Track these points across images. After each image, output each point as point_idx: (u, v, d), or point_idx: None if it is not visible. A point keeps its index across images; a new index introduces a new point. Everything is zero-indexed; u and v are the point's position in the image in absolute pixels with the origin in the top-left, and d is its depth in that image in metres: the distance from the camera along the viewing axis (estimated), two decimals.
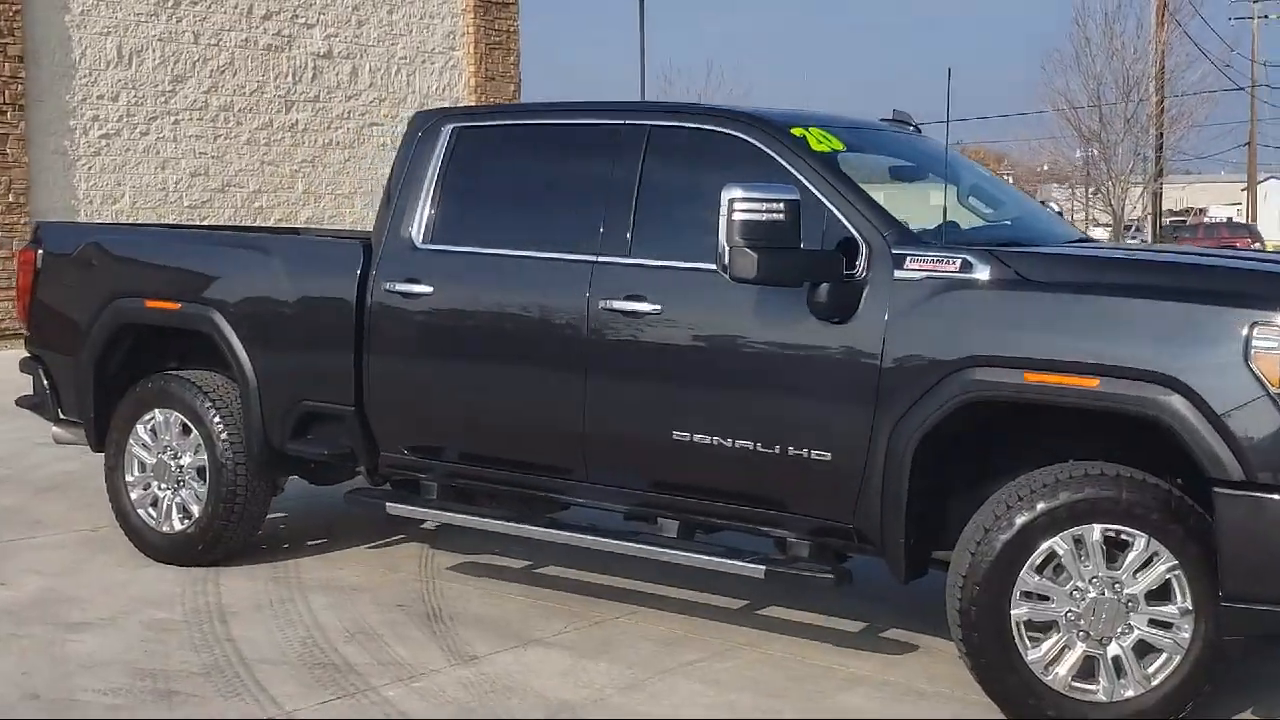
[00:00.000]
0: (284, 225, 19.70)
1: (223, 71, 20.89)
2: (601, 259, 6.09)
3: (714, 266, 5.70)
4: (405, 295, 6.57)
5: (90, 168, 19.51)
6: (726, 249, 5.40)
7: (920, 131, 7.13)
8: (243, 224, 19.60)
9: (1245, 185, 68.58)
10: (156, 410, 7.35)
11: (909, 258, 5.42)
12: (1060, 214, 9.37)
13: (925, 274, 5.37)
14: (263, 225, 18.33)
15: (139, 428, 7.42)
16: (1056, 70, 39.89)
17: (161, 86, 20.23)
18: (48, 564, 7.34)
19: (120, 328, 7.46)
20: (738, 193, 5.34)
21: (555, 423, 6.21)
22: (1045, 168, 53.85)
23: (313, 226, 19.77)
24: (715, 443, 5.74)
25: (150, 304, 7.32)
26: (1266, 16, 65.38)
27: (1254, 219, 62.89)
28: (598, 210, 6.17)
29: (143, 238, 7.94)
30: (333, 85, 22.24)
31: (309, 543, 7.89)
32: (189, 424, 7.22)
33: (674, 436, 5.84)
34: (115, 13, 19.71)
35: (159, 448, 7.35)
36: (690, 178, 6.13)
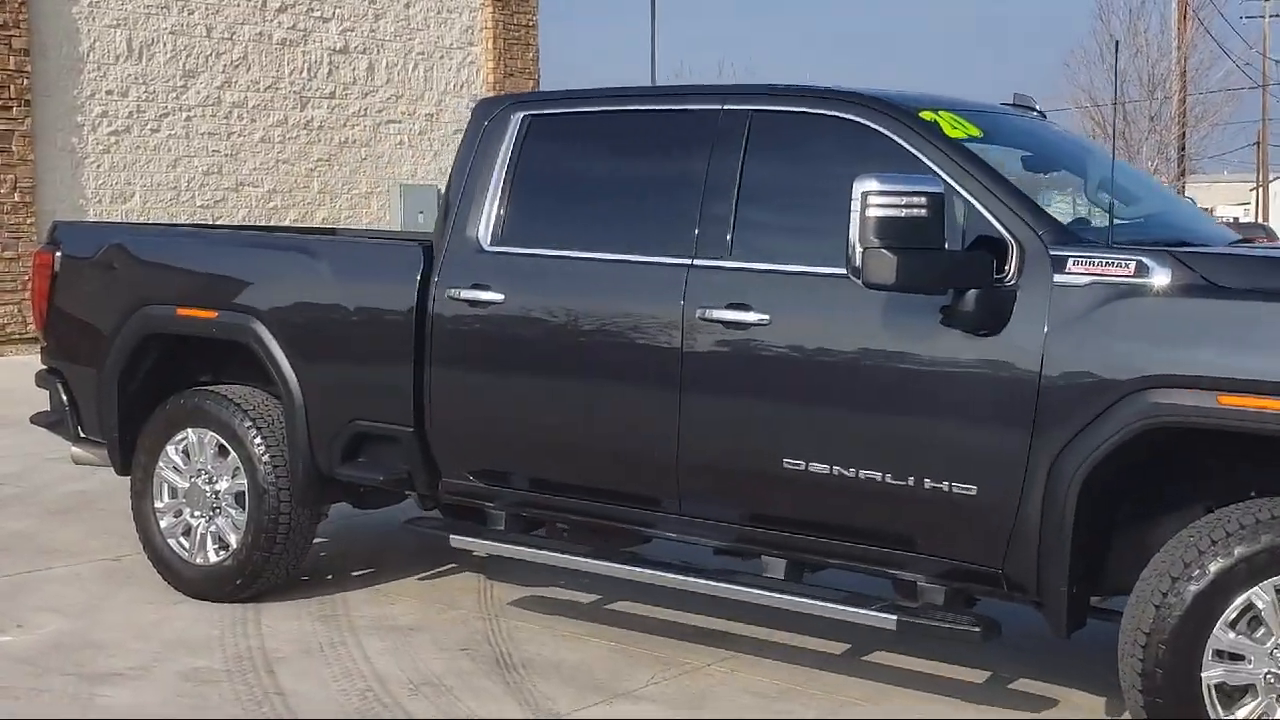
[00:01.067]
0: (323, 226, 18.97)
1: (236, 66, 20.17)
2: (698, 263, 5.37)
3: (831, 271, 5.00)
4: (472, 303, 5.85)
5: (99, 166, 18.79)
6: (858, 250, 4.67)
7: (1045, 117, 6.40)
8: (283, 225, 18.87)
9: (1254, 185, 67.77)
10: (189, 429, 6.63)
11: (1071, 260, 4.69)
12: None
13: (1092, 279, 4.63)
14: (301, 226, 17.62)
15: (169, 449, 6.70)
16: (1080, 67, 39.21)
17: (173, 82, 19.51)
18: (67, 601, 6.62)
19: (147, 338, 6.73)
20: (873, 185, 4.62)
21: (643, 447, 5.49)
22: None
23: (354, 227, 19.04)
24: (836, 473, 5.02)
25: (182, 312, 6.59)
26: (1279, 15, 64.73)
27: (1266, 218, 62.12)
28: (691, 207, 5.45)
29: (173, 239, 7.20)
30: (349, 81, 21.52)
31: (354, 573, 7.17)
32: (226, 445, 6.50)
33: (785, 465, 5.12)
34: (125, 5, 18.98)
35: (192, 471, 6.64)
36: (801, 169, 5.41)
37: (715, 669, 5.79)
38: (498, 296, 5.78)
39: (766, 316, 5.15)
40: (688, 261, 5.38)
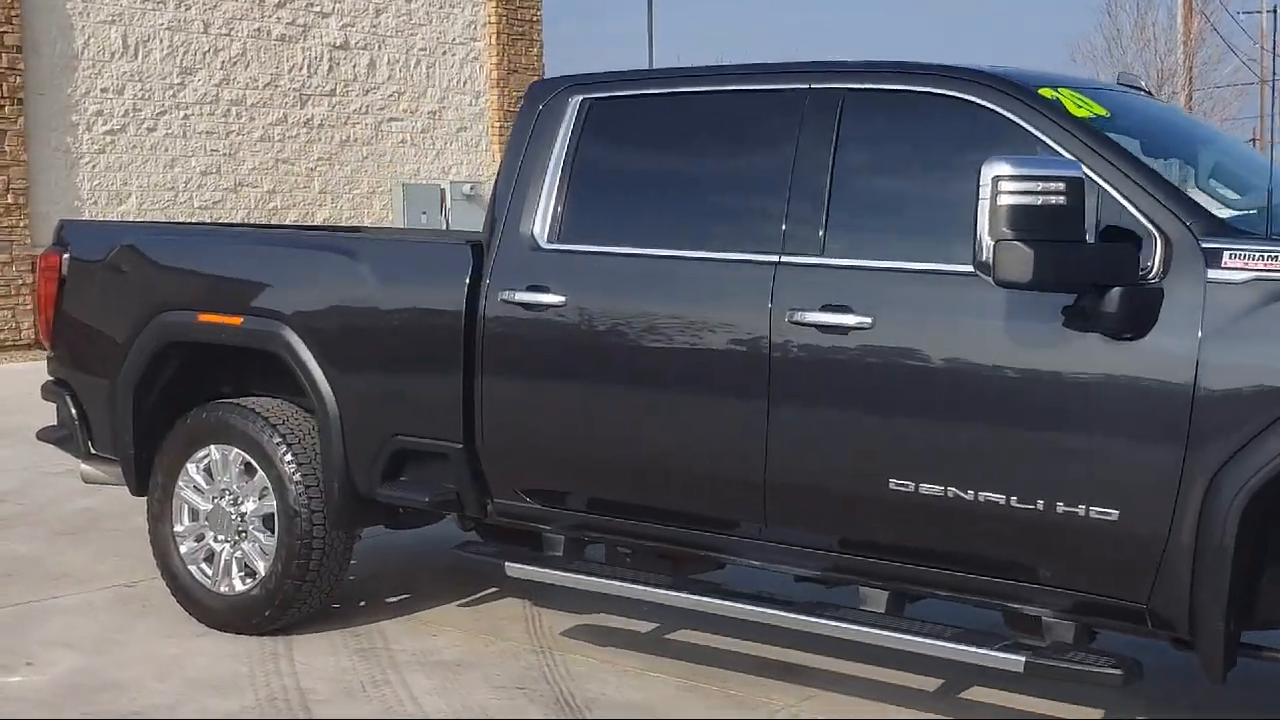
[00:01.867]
0: (348, 225, 18.40)
1: (234, 63, 19.58)
2: (786, 259, 4.82)
3: (945, 267, 4.46)
4: (528, 307, 5.29)
5: (94, 165, 18.20)
6: (987, 243, 4.12)
7: (1153, 96, 5.86)
8: (311, 224, 18.29)
9: None
10: (212, 446, 6.06)
11: (1227, 253, 4.13)
12: None
13: (1253, 275, 4.08)
14: (331, 225, 17.01)
15: (190, 467, 6.14)
16: (1087, 62, 38.76)
17: (170, 79, 18.93)
18: (79, 634, 6.05)
19: (165, 347, 6.17)
20: (1005, 169, 4.06)
21: (724, 465, 4.94)
22: None
23: (415, 227, 18.44)
24: (950, 496, 4.46)
25: (204, 318, 6.03)
26: (1274, 10, 64.39)
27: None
28: (777, 199, 4.90)
29: (193, 239, 6.61)
30: (349, 78, 20.93)
31: (389, 599, 6.61)
32: (253, 463, 5.94)
33: (891, 486, 4.56)
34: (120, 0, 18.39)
35: (215, 492, 6.07)
36: (904, 155, 4.87)
37: (802, 709, 5.25)
38: (558, 299, 5.22)
39: (869, 319, 4.59)
40: (774, 258, 4.83)
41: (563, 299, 5.21)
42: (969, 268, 4.28)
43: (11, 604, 6.46)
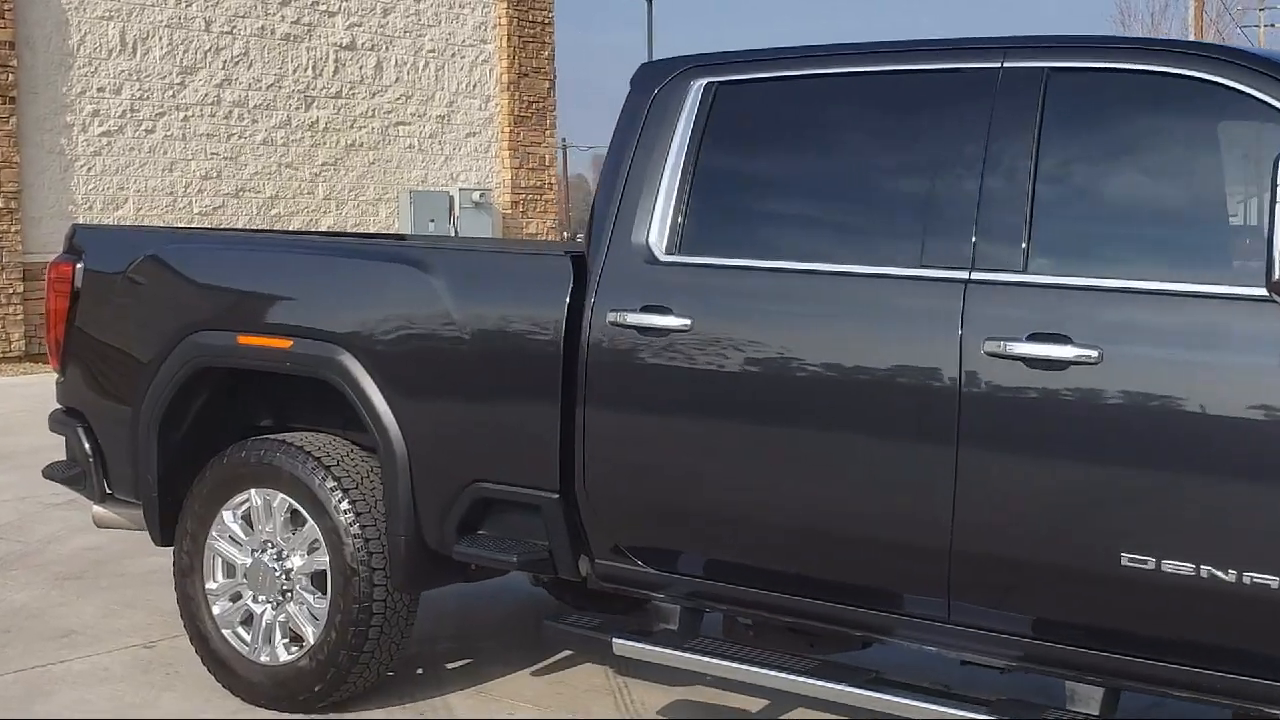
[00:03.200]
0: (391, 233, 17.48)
1: (237, 63, 18.67)
2: (979, 276, 3.93)
3: (1203, 289, 3.59)
4: (644, 330, 4.40)
5: (90, 169, 17.27)
6: None
7: None
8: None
9: None
10: (253, 490, 5.16)
11: None
12: None
13: None
14: (392, 233, 16.09)
15: (225, 514, 5.24)
16: None
17: (169, 79, 18.01)
18: (95, 709, 5.15)
19: (198, 372, 5.28)
20: None
21: (896, 528, 4.04)
22: None
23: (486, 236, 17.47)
24: (1206, 576, 3.57)
25: (245, 340, 5.13)
26: (1274, 24, 63.81)
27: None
28: (963, 202, 4.01)
29: (231, 248, 5.68)
30: (355, 80, 20.03)
31: (449, 664, 5.71)
32: (301, 511, 5.04)
33: (1125, 562, 3.67)
34: None
35: (255, 544, 5.17)
36: (1131, 148, 3.98)
37: None
38: (682, 322, 4.33)
39: (1093, 352, 3.70)
40: (963, 275, 3.94)
41: (687, 322, 4.32)
42: (1244, 290, 3.39)
43: (14, 670, 5.55)
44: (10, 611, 6.35)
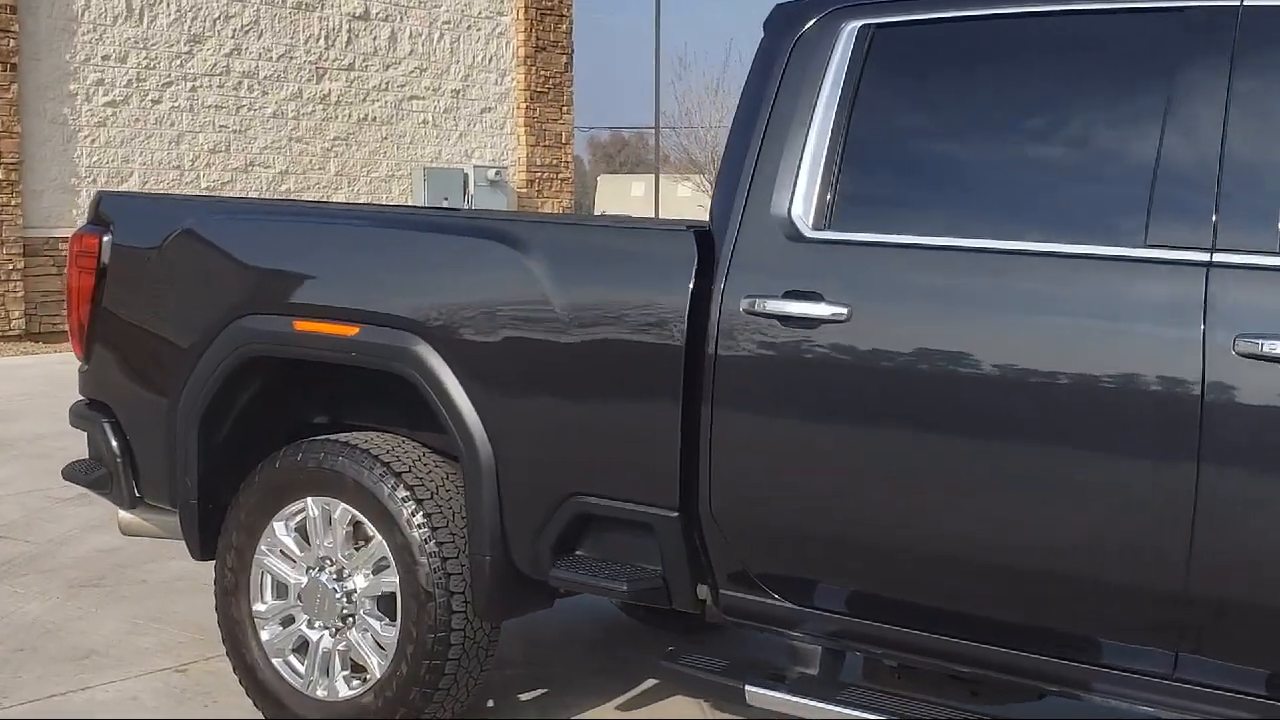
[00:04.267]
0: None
1: (247, 32, 17.91)
2: (1223, 258, 3.24)
3: None
4: (787, 320, 3.71)
5: (94, 140, 16.52)
6: None
7: None
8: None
9: None
10: (309, 499, 4.48)
11: None
12: None
13: None
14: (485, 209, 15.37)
15: (277, 526, 4.56)
16: None
17: (177, 47, 17.25)
18: None
19: (246, 362, 4.59)
20: None
21: (1110, 562, 3.35)
22: None
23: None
24: None
25: (302, 326, 4.45)
26: None
27: None
28: (1198, 167, 3.31)
29: (287, 219, 4.96)
30: (369, 51, 19.28)
31: (521, 695, 5.05)
32: (366, 524, 4.36)
33: None
34: None
35: (311, 560, 4.49)
36: None
37: None
38: (835, 310, 3.64)
39: None
40: (1202, 256, 3.26)
41: (843, 310, 3.63)
42: None
43: (31, 700, 4.87)
44: (24, 626, 5.67)
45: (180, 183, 17.23)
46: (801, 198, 3.79)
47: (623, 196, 43.05)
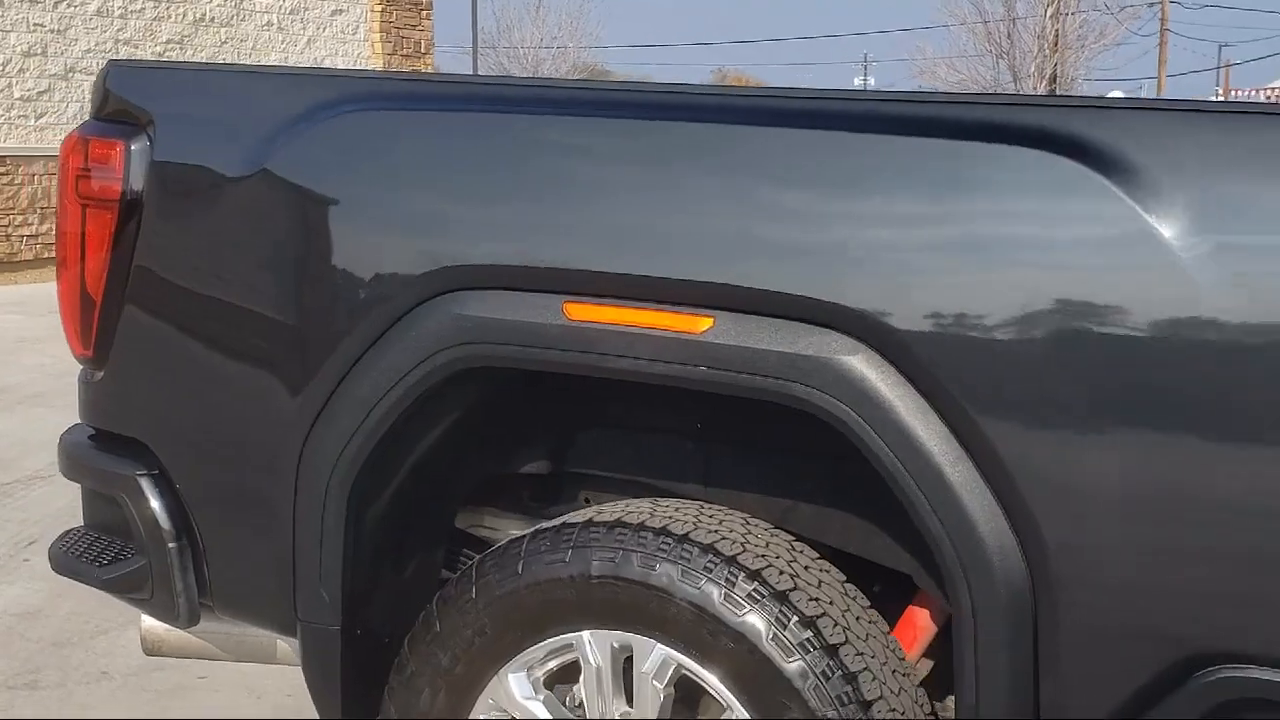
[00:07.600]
0: None
1: None
2: None
3: None
4: None
5: None
6: None
7: None
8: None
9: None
10: (586, 634, 2.40)
11: None
12: None
13: None
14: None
15: (511, 681, 2.47)
16: None
17: None
18: None
19: (452, 377, 2.45)
20: None
21: None
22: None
23: None
24: None
25: (580, 312, 2.34)
26: None
27: None
28: None
29: (550, 112, 2.54)
30: None
31: None
32: (714, 685, 2.30)
33: None
34: None
35: None
36: None
37: None
38: None
39: None
40: None
41: None
42: None
43: None
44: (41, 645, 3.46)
45: None
46: None
47: None
